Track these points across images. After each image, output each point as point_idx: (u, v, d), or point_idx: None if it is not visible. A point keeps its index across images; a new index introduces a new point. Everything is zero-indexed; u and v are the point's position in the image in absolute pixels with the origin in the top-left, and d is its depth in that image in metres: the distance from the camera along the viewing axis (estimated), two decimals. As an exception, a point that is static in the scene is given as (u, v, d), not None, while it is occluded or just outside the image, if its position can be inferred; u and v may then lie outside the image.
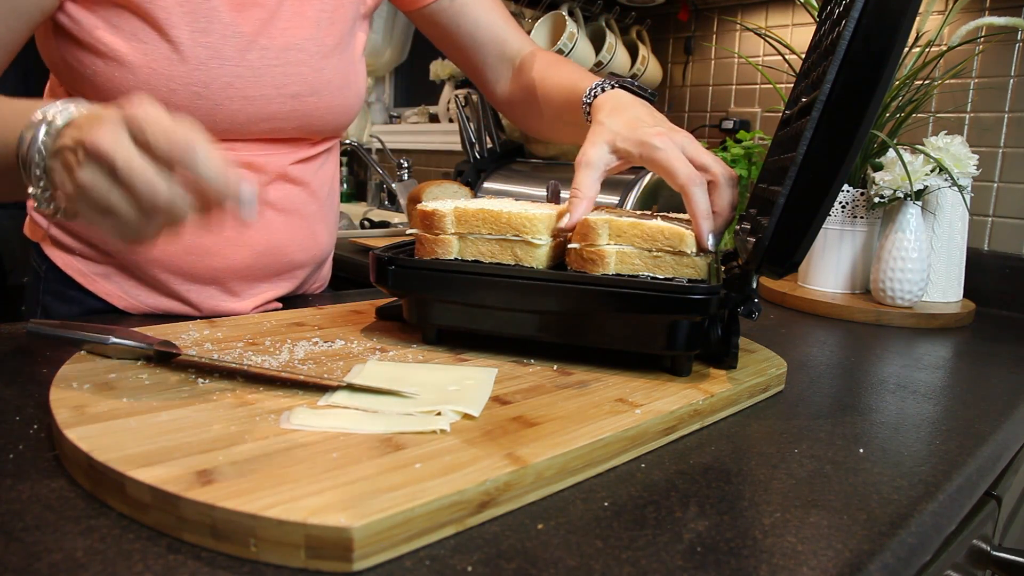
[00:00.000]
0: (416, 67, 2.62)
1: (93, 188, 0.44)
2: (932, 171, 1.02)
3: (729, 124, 1.55)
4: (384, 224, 1.93)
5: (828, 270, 1.12)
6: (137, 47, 0.69)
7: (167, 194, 0.44)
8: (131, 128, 0.44)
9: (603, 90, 0.76)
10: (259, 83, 0.74)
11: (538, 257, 0.63)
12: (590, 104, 0.76)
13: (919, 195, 1.03)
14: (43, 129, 0.50)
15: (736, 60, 1.58)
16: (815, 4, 1.17)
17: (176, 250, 0.77)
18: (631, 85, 0.77)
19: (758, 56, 1.54)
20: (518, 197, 1.36)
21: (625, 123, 0.69)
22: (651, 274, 0.62)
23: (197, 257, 0.78)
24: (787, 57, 1.25)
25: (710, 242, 0.62)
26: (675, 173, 0.64)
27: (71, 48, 0.69)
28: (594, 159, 0.67)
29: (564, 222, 0.65)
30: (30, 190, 0.51)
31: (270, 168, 0.80)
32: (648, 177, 1.44)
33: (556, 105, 0.85)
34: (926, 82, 1.12)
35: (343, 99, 0.82)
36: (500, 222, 0.63)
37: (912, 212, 1.02)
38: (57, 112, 0.50)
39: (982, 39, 1.22)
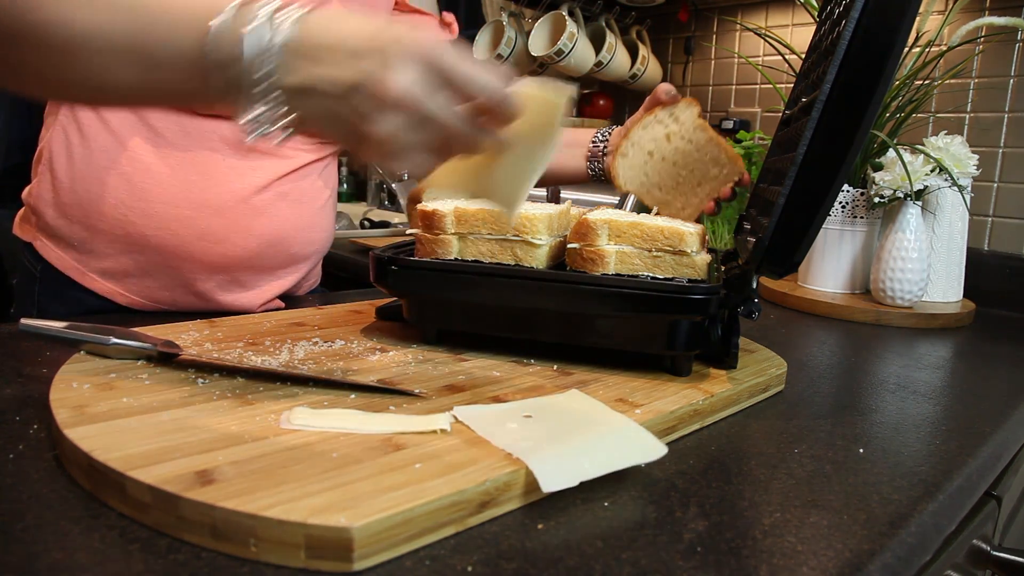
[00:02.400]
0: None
1: (392, 138, 0.42)
2: (932, 171, 1.02)
3: (729, 124, 1.55)
4: (384, 224, 1.93)
5: (828, 270, 1.12)
6: None
7: (469, 134, 0.44)
8: (430, 71, 0.42)
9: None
10: None
11: (538, 257, 0.63)
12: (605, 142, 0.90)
13: (919, 195, 1.03)
14: (269, 36, 0.42)
15: (736, 60, 1.58)
16: (815, 4, 1.16)
17: (189, 235, 0.79)
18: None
19: (758, 56, 1.54)
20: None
21: None
22: (651, 274, 0.62)
23: (209, 244, 0.79)
24: (787, 57, 1.25)
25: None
26: None
27: None
28: None
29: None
30: (243, 112, 0.44)
31: (293, 158, 0.84)
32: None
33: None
34: (926, 82, 1.12)
35: None
36: (500, 222, 0.63)
37: (912, 212, 1.02)
38: (283, 16, 0.43)
39: (982, 39, 1.22)
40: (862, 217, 1.09)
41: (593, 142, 0.91)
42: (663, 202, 0.76)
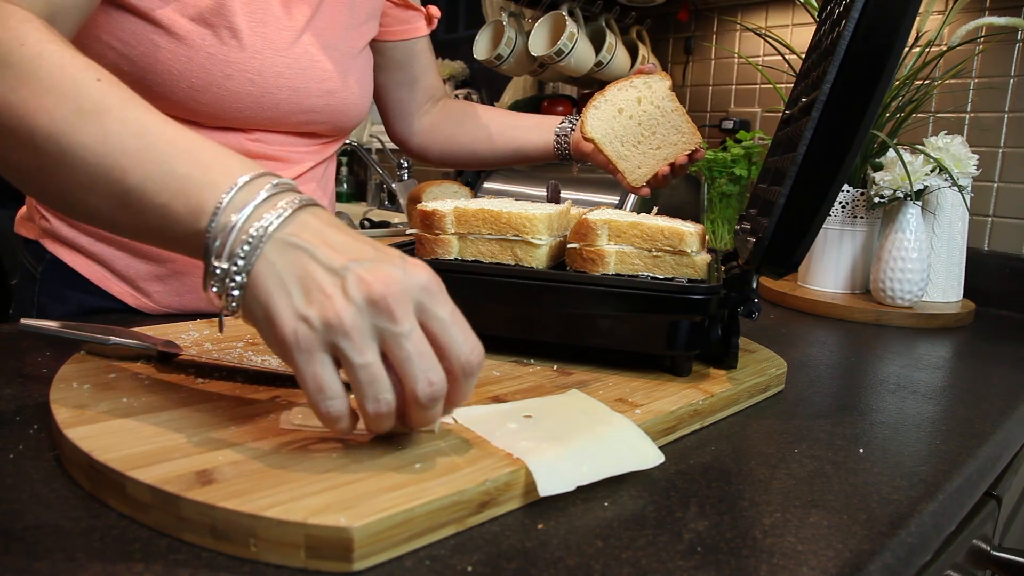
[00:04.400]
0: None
1: (357, 346, 0.38)
2: (932, 171, 1.02)
3: (729, 124, 1.54)
4: (384, 224, 1.93)
5: (828, 270, 1.12)
6: (199, 30, 0.70)
7: (429, 395, 0.39)
8: (423, 313, 0.39)
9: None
10: (304, 76, 0.78)
11: (538, 257, 0.63)
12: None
13: (919, 195, 1.02)
14: (266, 221, 0.40)
15: (736, 60, 1.58)
16: (815, 4, 1.16)
17: None
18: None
19: (758, 56, 1.54)
20: (518, 197, 1.35)
21: None
22: (651, 274, 0.62)
23: None
24: (787, 57, 1.25)
25: None
26: None
27: (134, 23, 0.69)
28: None
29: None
30: (214, 268, 0.40)
31: (297, 163, 0.85)
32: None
33: (517, 122, 1.02)
34: (926, 82, 1.12)
35: (363, 99, 0.89)
36: (500, 222, 0.63)
37: (912, 212, 1.02)
38: (285, 205, 0.41)
39: (982, 39, 1.22)
40: (862, 217, 1.09)
41: (561, 122, 0.96)
42: (622, 156, 0.83)
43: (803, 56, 0.80)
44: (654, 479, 0.46)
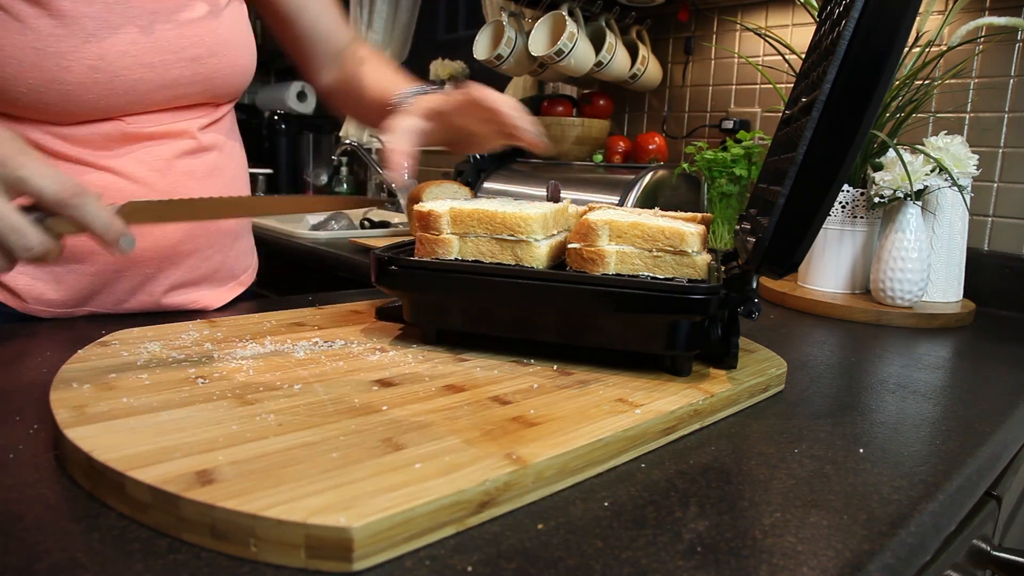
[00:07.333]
0: (416, 67, 2.61)
1: None
2: (932, 171, 1.02)
3: (729, 124, 1.54)
4: (384, 224, 1.93)
5: (828, 270, 1.12)
6: (12, 25, 0.63)
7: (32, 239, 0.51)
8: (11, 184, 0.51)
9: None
10: (156, 48, 0.71)
11: (538, 257, 0.63)
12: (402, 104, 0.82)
13: (919, 195, 1.03)
14: None
15: (736, 60, 1.58)
16: (815, 4, 1.17)
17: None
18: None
19: (758, 56, 1.54)
20: (518, 197, 1.36)
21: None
22: (651, 274, 0.62)
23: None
24: (787, 57, 1.25)
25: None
26: (493, 97, 0.72)
27: None
28: (403, 122, 0.72)
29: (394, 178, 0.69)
30: None
31: (183, 134, 0.78)
32: (648, 177, 1.44)
33: (370, 100, 0.92)
34: (926, 82, 1.12)
35: (241, 58, 0.81)
36: (495, 222, 0.63)
37: (912, 212, 1.02)
38: None
39: (982, 39, 1.22)
40: (862, 217, 1.09)
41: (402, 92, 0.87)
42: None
43: (803, 56, 0.80)
44: (654, 479, 0.46)
